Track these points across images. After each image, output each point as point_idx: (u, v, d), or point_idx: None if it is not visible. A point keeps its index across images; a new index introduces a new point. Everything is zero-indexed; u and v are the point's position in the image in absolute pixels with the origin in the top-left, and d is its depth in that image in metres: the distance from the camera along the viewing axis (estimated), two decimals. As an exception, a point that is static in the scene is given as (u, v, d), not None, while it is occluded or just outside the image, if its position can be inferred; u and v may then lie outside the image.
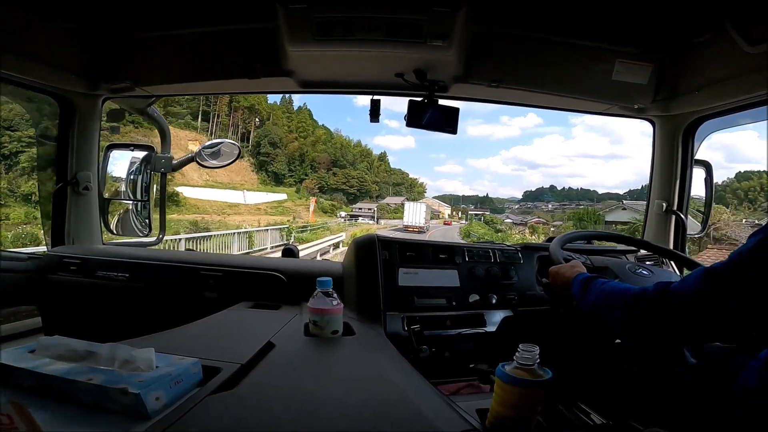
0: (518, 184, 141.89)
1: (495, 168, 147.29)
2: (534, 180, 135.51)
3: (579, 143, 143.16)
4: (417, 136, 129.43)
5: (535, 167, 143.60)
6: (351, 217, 51.67)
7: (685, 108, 1.62)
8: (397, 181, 77.87)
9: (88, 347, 0.67)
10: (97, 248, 1.79)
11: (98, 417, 0.57)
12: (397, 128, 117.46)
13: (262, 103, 58.29)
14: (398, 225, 40.18)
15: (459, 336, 1.28)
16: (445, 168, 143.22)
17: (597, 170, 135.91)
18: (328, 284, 1.01)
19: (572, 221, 41.23)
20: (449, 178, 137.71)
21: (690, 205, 1.82)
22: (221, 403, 0.63)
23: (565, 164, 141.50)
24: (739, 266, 0.72)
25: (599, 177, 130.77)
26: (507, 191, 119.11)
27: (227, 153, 1.91)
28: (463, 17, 1.30)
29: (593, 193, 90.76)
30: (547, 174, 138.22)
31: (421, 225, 38.75)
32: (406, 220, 39.80)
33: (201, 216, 34.10)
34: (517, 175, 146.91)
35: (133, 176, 1.94)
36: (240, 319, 1.21)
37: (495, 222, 55.86)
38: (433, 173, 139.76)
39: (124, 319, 1.53)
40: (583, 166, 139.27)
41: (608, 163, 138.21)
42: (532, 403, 0.66)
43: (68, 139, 1.77)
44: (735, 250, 0.75)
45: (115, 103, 1.90)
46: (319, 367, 0.88)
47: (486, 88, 1.63)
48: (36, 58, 1.47)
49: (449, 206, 78.06)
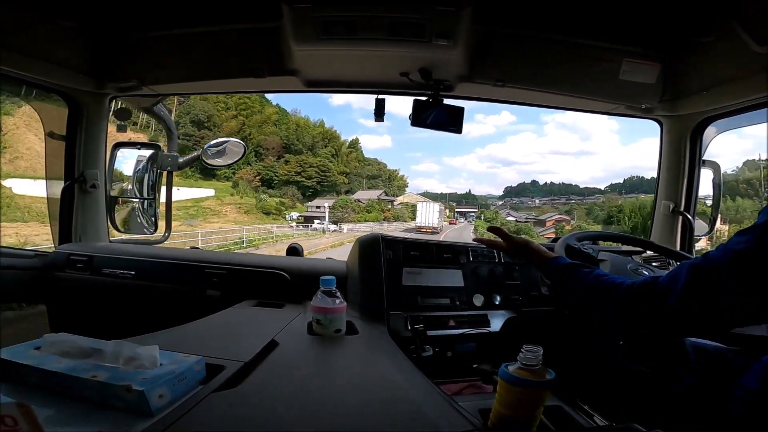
0: (493, 181, 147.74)
1: (471, 166, 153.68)
2: (509, 177, 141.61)
3: (551, 140, 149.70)
4: (393, 135, 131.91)
5: (509, 164, 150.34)
6: (306, 220, 39.76)
7: (692, 108, 1.60)
8: (372, 173, 65.08)
9: (93, 344, 0.68)
10: (104, 246, 1.80)
11: (102, 414, 0.57)
12: (373, 127, 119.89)
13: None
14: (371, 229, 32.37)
15: (462, 336, 1.27)
16: (422, 167, 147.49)
17: (568, 166, 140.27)
18: (331, 283, 1.01)
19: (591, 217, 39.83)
20: (426, 176, 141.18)
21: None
22: (224, 400, 0.63)
23: (538, 161, 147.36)
24: (727, 262, 0.71)
25: (570, 173, 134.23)
26: (483, 188, 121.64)
27: (232, 151, 1.91)
28: (468, 16, 1.30)
29: (575, 188, 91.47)
30: (520, 171, 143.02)
31: (435, 225, 38.57)
32: (419, 220, 39.49)
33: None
34: (492, 173, 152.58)
35: (140, 174, 1.96)
36: (244, 318, 1.22)
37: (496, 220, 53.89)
38: (411, 172, 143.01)
39: (129, 317, 1.54)
40: (555, 163, 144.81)
41: (578, 159, 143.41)
42: (535, 404, 0.66)
43: (76, 138, 1.78)
44: (721, 245, 0.74)
45: (121, 101, 1.91)
46: (322, 365, 0.88)
47: (491, 88, 1.62)
48: (44, 56, 1.48)
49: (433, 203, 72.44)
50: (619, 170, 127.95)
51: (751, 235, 0.70)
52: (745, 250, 0.69)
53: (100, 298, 1.62)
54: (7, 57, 1.38)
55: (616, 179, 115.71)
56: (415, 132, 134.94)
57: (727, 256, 0.71)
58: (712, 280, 0.72)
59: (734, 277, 0.69)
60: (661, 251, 1.55)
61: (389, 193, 58.14)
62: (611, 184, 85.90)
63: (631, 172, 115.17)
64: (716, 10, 1.30)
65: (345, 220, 40.22)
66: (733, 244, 0.71)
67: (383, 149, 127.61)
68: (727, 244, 0.72)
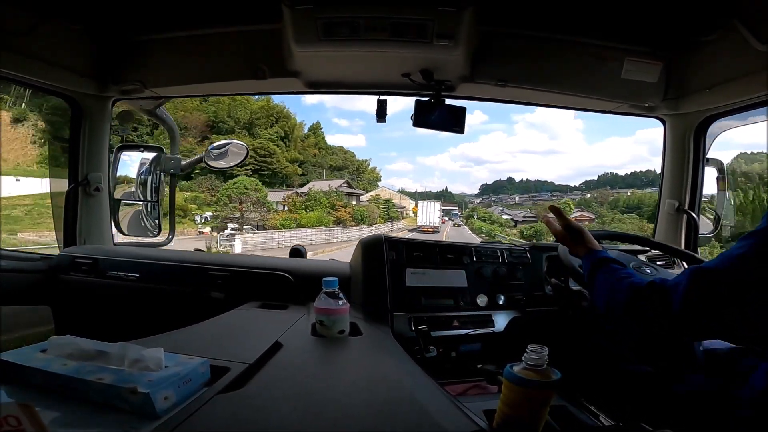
0: (466, 180, 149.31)
1: (444, 165, 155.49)
2: (481, 176, 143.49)
3: (521, 139, 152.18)
4: (368, 134, 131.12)
5: (481, 163, 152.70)
6: (228, 232, 25.36)
7: (695, 106, 1.60)
8: (338, 163, 53.89)
9: (98, 347, 0.68)
10: (108, 248, 1.81)
11: (108, 416, 0.57)
12: (346, 127, 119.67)
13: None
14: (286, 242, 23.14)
15: (466, 336, 1.27)
16: (396, 166, 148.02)
17: (537, 165, 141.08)
18: (334, 284, 1.01)
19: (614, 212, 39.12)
20: (400, 175, 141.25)
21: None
22: (229, 402, 0.63)
23: (509, 160, 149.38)
24: (728, 267, 0.72)
25: (539, 171, 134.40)
26: (457, 187, 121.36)
27: (234, 153, 1.92)
28: (469, 17, 1.30)
29: (550, 184, 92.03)
30: (492, 170, 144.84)
31: (436, 225, 38.53)
32: (420, 220, 39.25)
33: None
34: (465, 172, 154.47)
35: (143, 177, 1.96)
36: (248, 319, 1.22)
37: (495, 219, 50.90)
38: (385, 171, 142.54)
39: (133, 319, 1.55)
40: (525, 162, 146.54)
41: (547, 158, 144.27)
42: (541, 404, 0.65)
43: (79, 141, 1.79)
44: (724, 252, 0.74)
45: (124, 104, 1.92)
46: (326, 367, 0.88)
47: (493, 88, 1.62)
48: (46, 60, 1.49)
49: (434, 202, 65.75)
50: (585, 169, 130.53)
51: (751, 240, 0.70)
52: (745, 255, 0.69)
53: (104, 301, 1.63)
54: (10, 59, 1.39)
55: (582, 177, 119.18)
56: (389, 131, 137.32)
57: (727, 261, 0.71)
58: (712, 285, 0.72)
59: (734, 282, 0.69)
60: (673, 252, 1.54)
61: (354, 185, 45.92)
62: (585, 181, 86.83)
63: (597, 170, 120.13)
64: (718, 8, 1.30)
65: (253, 223, 28.69)
66: (734, 249, 0.71)
67: (357, 148, 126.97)
68: (729, 250, 0.72)
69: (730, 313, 0.70)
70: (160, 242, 1.98)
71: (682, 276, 0.77)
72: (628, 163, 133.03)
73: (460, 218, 58.35)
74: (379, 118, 1.72)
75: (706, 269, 0.74)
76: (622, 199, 54.78)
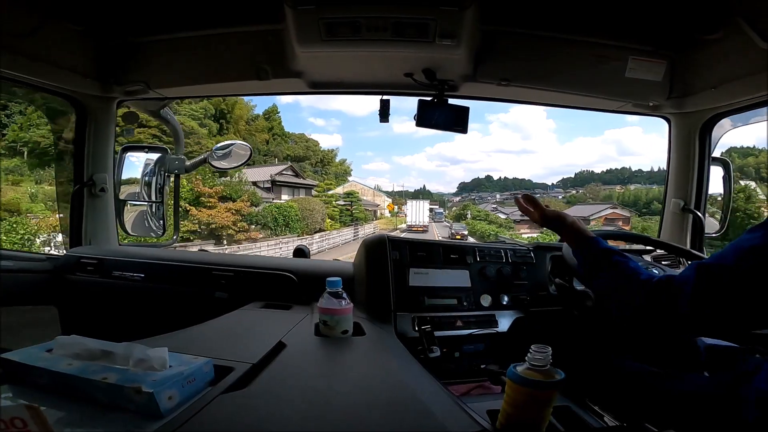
0: (442, 179, 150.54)
1: (420, 164, 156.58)
2: (457, 175, 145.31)
3: (495, 139, 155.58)
4: (344, 134, 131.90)
5: (457, 162, 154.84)
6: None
7: (700, 105, 1.59)
8: (297, 153, 44.72)
9: (103, 346, 0.69)
10: (113, 249, 1.83)
11: (113, 415, 0.58)
12: (322, 126, 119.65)
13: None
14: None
15: (470, 336, 1.27)
16: (373, 165, 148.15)
17: (511, 164, 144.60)
18: (338, 284, 1.01)
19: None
20: (377, 175, 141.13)
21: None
22: (233, 402, 0.64)
23: (484, 159, 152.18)
24: (732, 261, 0.71)
25: (513, 170, 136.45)
26: (433, 186, 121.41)
27: (238, 154, 1.93)
28: (471, 16, 1.29)
29: (528, 182, 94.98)
30: (468, 169, 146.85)
31: (426, 224, 38.32)
32: (410, 219, 38.46)
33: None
34: (441, 171, 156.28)
35: (148, 178, 1.98)
36: (251, 319, 1.22)
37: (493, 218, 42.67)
38: (362, 171, 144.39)
39: (138, 319, 1.56)
40: (500, 161, 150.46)
41: (520, 157, 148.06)
42: (544, 404, 0.65)
43: (84, 142, 1.81)
44: (730, 244, 0.73)
45: (129, 105, 1.93)
46: (329, 366, 0.88)
47: (496, 87, 1.62)
48: (51, 61, 1.50)
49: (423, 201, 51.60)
50: (557, 168, 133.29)
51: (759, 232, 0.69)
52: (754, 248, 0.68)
53: (110, 301, 1.64)
54: (15, 61, 1.40)
55: (555, 176, 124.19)
56: (365, 131, 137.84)
57: (734, 254, 0.70)
58: (720, 279, 0.71)
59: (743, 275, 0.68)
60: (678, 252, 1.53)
61: (302, 173, 34.84)
62: (563, 179, 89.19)
63: (568, 169, 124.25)
64: (722, 6, 1.29)
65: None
66: (741, 242, 0.70)
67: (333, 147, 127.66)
68: (735, 242, 0.71)
69: (742, 309, 0.69)
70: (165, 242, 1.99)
71: (689, 272, 0.76)
72: (596, 162, 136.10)
73: (444, 217, 51.13)
74: (382, 118, 1.72)
75: (715, 264, 0.72)
76: (615, 195, 53.75)
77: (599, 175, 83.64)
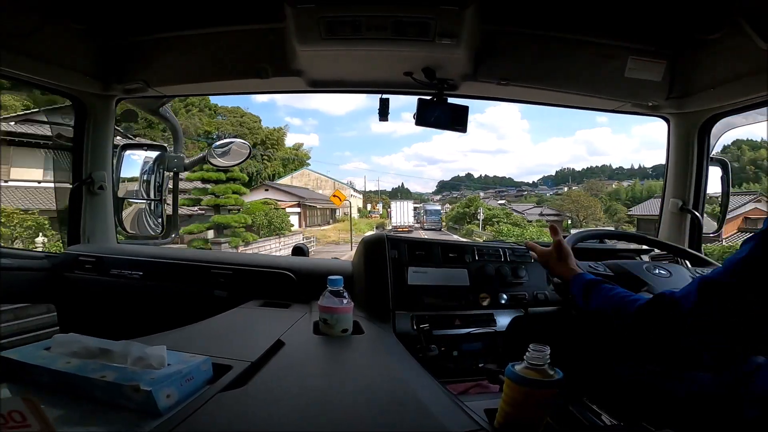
0: (419, 178, 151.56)
1: (398, 164, 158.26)
2: (434, 175, 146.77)
3: (471, 139, 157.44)
4: (321, 134, 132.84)
5: (434, 162, 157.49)
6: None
7: (700, 105, 1.59)
8: (227, 130, 34.39)
9: (102, 344, 0.69)
10: (112, 247, 1.82)
11: (111, 413, 0.58)
12: (299, 126, 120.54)
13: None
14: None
15: (468, 335, 1.27)
16: (351, 166, 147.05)
17: (487, 163, 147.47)
18: (339, 283, 1.01)
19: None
20: (355, 175, 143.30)
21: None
22: (231, 400, 0.64)
23: (460, 159, 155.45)
24: (734, 275, 0.71)
25: (489, 169, 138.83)
26: (411, 186, 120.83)
27: (237, 152, 1.93)
28: (471, 15, 1.29)
29: (509, 180, 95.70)
30: (445, 169, 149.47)
31: (411, 224, 38.20)
32: (395, 220, 38.14)
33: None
34: (418, 171, 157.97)
35: (147, 176, 1.97)
36: (250, 318, 1.22)
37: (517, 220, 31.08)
38: (340, 171, 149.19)
39: (137, 317, 1.55)
40: (475, 161, 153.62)
41: (496, 157, 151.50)
42: (542, 403, 0.65)
43: (83, 140, 1.80)
44: (729, 258, 0.73)
45: (128, 103, 1.92)
46: (328, 365, 0.88)
47: (495, 86, 1.62)
48: (49, 59, 1.49)
49: (360, 195, 50.13)
50: (531, 167, 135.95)
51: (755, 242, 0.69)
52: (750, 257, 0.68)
53: (108, 299, 1.64)
54: (14, 60, 1.39)
55: (529, 175, 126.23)
56: (342, 131, 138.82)
57: (733, 268, 0.71)
58: (721, 292, 0.71)
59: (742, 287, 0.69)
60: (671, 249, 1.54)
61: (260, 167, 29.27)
62: (543, 177, 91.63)
63: (541, 168, 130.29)
64: (722, 6, 1.29)
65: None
66: (738, 254, 0.70)
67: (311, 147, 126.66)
68: (732, 256, 0.72)
69: (743, 323, 0.70)
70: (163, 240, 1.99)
71: (691, 287, 0.77)
72: (568, 162, 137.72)
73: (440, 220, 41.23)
74: (382, 117, 1.71)
75: (716, 282, 0.73)
76: (622, 190, 51.60)
77: (579, 172, 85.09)
